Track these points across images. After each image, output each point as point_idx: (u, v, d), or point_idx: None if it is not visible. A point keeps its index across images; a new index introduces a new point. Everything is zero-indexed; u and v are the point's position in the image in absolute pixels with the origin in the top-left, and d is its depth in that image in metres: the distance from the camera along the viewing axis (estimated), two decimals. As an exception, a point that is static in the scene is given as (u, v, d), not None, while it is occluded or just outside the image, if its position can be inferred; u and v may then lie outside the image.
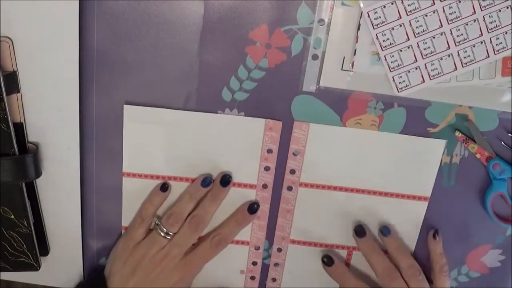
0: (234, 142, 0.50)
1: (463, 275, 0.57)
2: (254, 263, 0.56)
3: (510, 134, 0.50)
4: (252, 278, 0.57)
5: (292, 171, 0.52)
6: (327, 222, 0.54)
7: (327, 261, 0.54)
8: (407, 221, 0.54)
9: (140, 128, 0.50)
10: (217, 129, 0.50)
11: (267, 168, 0.51)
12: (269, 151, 0.51)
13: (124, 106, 0.49)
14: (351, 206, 0.53)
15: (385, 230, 0.53)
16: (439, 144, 0.50)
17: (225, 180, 0.51)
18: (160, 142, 0.51)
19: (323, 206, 0.53)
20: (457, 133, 0.50)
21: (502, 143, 0.50)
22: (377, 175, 0.52)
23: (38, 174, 0.50)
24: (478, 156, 0.50)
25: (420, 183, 0.52)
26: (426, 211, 0.53)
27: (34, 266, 0.53)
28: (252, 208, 0.52)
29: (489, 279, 0.57)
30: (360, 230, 0.53)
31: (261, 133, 0.50)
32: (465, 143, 0.50)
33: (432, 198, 0.53)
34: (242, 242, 0.55)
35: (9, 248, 0.52)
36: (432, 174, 0.51)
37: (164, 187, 0.51)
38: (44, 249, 0.55)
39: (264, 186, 0.52)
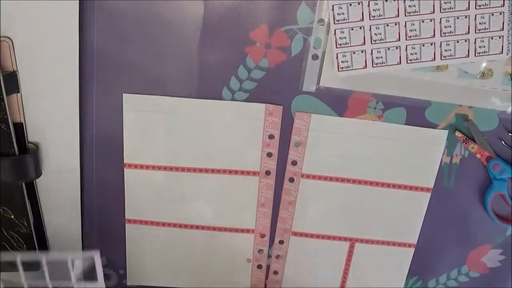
0: (235, 128, 0.50)
1: (463, 275, 0.57)
2: (260, 251, 0.56)
3: (510, 134, 0.50)
4: (259, 267, 0.57)
5: (294, 162, 0.52)
6: (330, 214, 0.54)
7: None
8: (409, 212, 0.54)
9: (140, 117, 0.50)
10: (218, 116, 0.50)
11: (269, 154, 0.51)
12: (271, 136, 0.51)
13: (124, 95, 0.49)
14: (353, 197, 0.53)
15: None
16: (441, 135, 0.50)
17: None
18: (160, 131, 0.51)
19: (326, 198, 0.53)
20: (457, 133, 0.50)
21: (502, 142, 0.50)
22: (380, 166, 0.52)
23: (38, 174, 0.50)
24: (478, 156, 0.50)
25: (422, 174, 0.52)
26: (427, 210, 0.53)
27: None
28: None
29: (489, 279, 0.57)
30: None
31: (261, 118, 0.50)
32: (465, 143, 0.50)
33: (432, 197, 0.53)
34: (248, 230, 0.55)
35: (9, 248, 0.52)
36: (434, 165, 0.51)
37: None
38: (44, 249, 0.55)
39: (267, 173, 0.52)
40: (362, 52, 0.46)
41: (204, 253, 0.56)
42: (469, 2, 0.44)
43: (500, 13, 0.44)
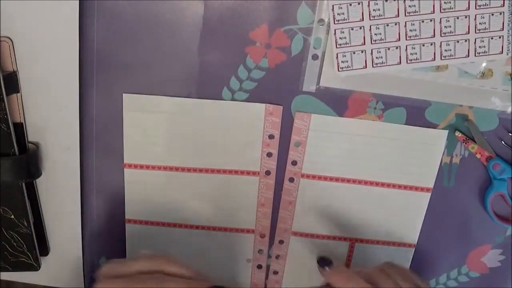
0: (236, 128, 0.50)
1: (463, 275, 0.57)
2: (260, 251, 0.56)
3: (510, 134, 0.50)
4: (259, 267, 0.57)
5: (294, 162, 0.52)
6: (330, 214, 0.54)
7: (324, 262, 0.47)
8: (409, 212, 0.54)
9: (140, 117, 0.50)
10: (218, 116, 0.50)
11: (269, 154, 0.51)
12: (271, 136, 0.51)
13: (124, 95, 0.49)
14: (353, 197, 0.53)
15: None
16: (441, 135, 0.50)
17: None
18: (160, 131, 0.51)
19: (325, 198, 0.53)
20: (457, 133, 0.50)
21: (502, 142, 0.50)
22: (380, 166, 0.52)
23: (38, 174, 0.50)
24: (478, 156, 0.50)
25: (422, 174, 0.52)
26: (427, 210, 0.53)
27: (34, 266, 0.54)
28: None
29: (489, 279, 0.57)
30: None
31: (261, 118, 0.50)
32: (465, 143, 0.50)
33: (432, 197, 0.53)
34: (248, 230, 0.55)
35: (9, 248, 0.52)
36: (434, 165, 0.51)
37: None
38: (44, 249, 0.55)
39: (267, 173, 0.52)
40: (362, 52, 0.46)
41: (204, 253, 0.56)
42: (469, 2, 0.44)
43: (500, 13, 0.44)
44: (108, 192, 0.53)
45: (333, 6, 0.44)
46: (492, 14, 0.44)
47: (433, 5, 0.44)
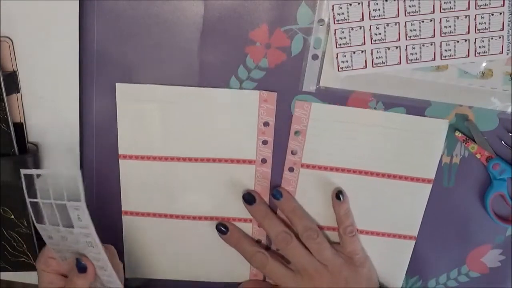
0: (230, 116, 0.50)
1: (463, 275, 0.57)
2: (258, 241, 0.56)
3: (510, 134, 0.50)
4: None
5: (294, 152, 0.51)
6: (330, 204, 0.53)
7: (223, 229, 0.54)
8: (411, 203, 0.53)
9: (134, 107, 0.50)
10: (212, 103, 0.49)
11: (265, 142, 0.51)
12: (266, 124, 0.50)
13: (116, 84, 0.49)
14: (353, 188, 0.53)
15: (277, 193, 0.52)
16: (442, 124, 0.50)
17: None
18: (155, 120, 0.50)
19: (325, 188, 0.53)
20: (457, 133, 0.50)
21: (502, 142, 0.50)
22: (380, 156, 0.51)
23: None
24: (478, 156, 0.50)
25: (424, 165, 0.52)
26: (427, 209, 0.53)
27: (34, 266, 0.53)
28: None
29: (489, 279, 0.57)
30: (249, 198, 0.52)
31: (256, 105, 0.50)
32: (465, 143, 0.50)
33: (432, 198, 0.53)
34: (245, 220, 0.55)
35: (9, 248, 0.52)
36: (436, 155, 0.51)
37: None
38: (44, 249, 0.55)
39: (263, 161, 0.52)
40: (362, 52, 0.46)
41: (202, 245, 0.56)
42: (469, 2, 0.44)
43: (500, 13, 0.44)
44: (108, 188, 0.53)
45: (333, 6, 0.44)
46: (492, 14, 0.44)
47: (433, 5, 0.44)
